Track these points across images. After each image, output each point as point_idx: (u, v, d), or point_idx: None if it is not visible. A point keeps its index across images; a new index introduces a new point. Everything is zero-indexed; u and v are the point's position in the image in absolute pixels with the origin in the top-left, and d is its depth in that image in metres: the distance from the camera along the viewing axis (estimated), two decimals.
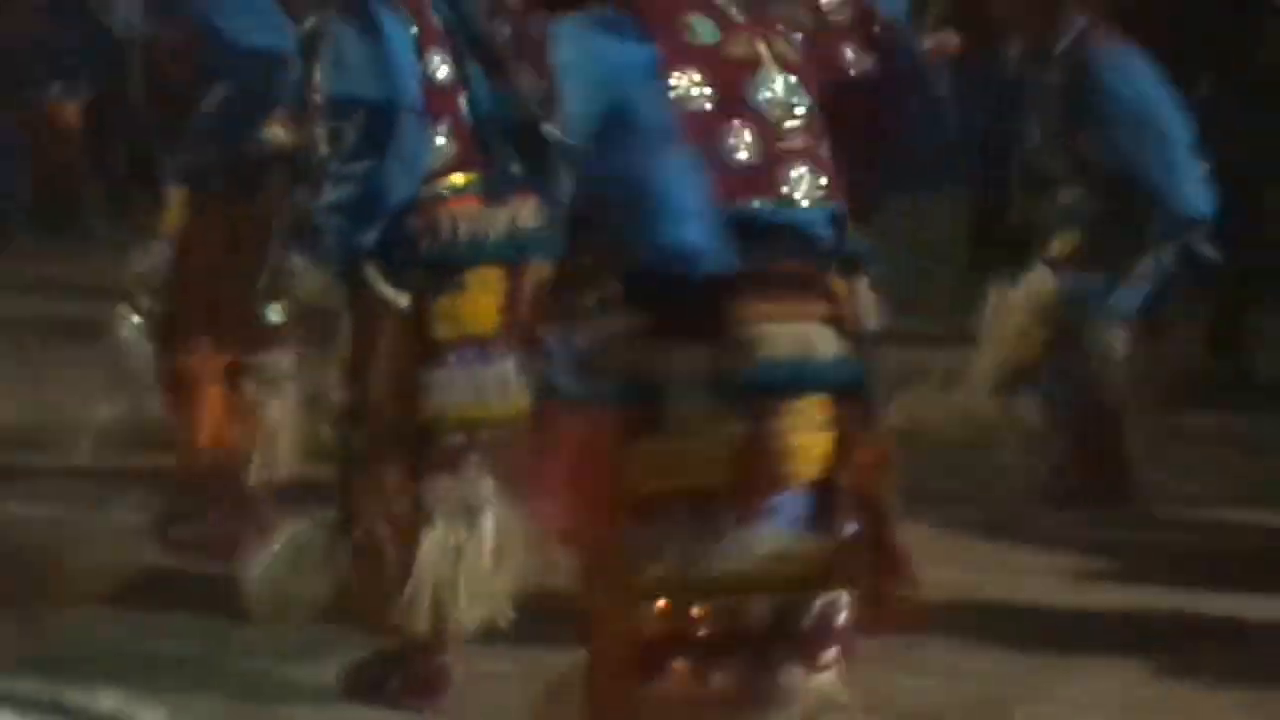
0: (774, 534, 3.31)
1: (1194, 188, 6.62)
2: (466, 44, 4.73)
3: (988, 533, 6.67)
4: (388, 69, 4.44)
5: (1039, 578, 6.16)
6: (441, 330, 4.56)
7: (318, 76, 4.68)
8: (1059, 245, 6.80)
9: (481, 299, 4.60)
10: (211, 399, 5.98)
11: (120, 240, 7.76)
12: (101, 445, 6.74)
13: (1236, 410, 8.41)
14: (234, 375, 6.00)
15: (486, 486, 4.61)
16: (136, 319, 6.12)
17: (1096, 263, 6.70)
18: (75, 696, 4.89)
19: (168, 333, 6.02)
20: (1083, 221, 6.76)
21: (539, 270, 4.01)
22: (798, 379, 3.36)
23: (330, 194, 4.59)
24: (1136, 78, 6.66)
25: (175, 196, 5.99)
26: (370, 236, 4.45)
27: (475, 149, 4.67)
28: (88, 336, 7.04)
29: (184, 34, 5.85)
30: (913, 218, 8.77)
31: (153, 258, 6.06)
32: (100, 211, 12.38)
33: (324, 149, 4.64)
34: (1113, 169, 6.71)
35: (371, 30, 4.45)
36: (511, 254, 4.53)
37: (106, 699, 4.89)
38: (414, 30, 4.54)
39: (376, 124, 4.42)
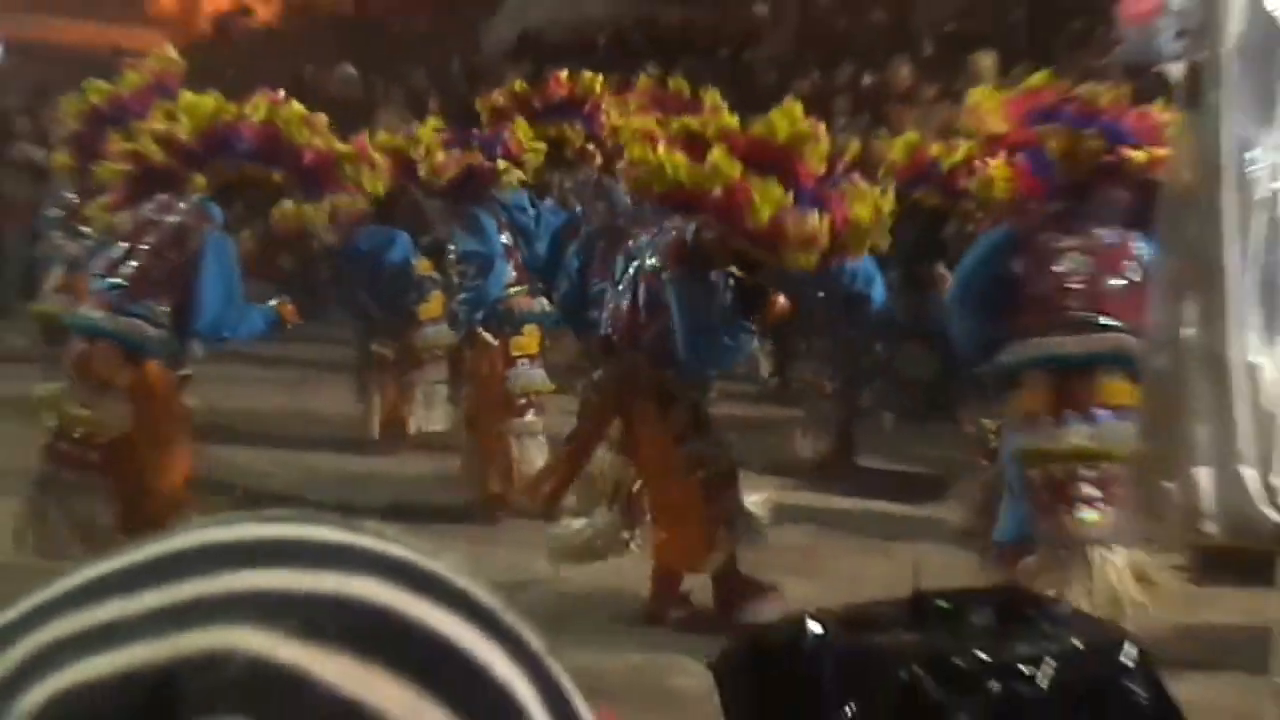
0: None
1: None
2: (520, 231, 9.75)
3: None
4: (489, 240, 9.40)
5: None
6: (515, 351, 9.63)
7: (453, 247, 9.80)
8: None
9: (530, 339, 9.84)
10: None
11: None
12: None
13: None
14: None
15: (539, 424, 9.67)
16: None
17: None
18: None
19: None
20: None
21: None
22: None
23: (463, 297, 9.59)
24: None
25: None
26: (481, 315, 9.52)
27: (525, 274, 9.78)
28: None
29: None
30: None
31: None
32: None
33: (456, 277, 9.72)
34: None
35: (480, 226, 9.42)
36: (545, 320, 9.91)
37: None
38: (495, 222, 9.48)
39: (484, 265, 9.40)
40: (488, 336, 9.54)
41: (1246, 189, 5.63)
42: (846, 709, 4.06)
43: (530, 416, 9.61)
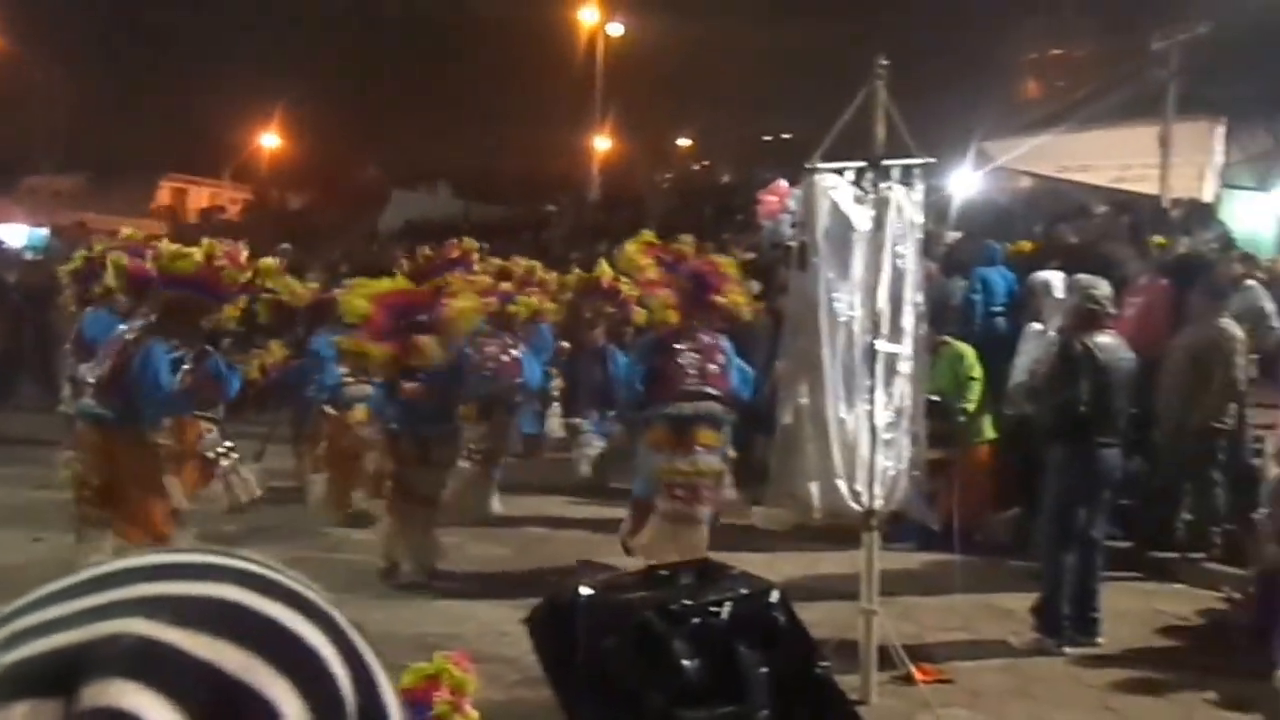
0: None
1: None
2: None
3: None
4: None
5: None
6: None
7: None
8: None
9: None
10: None
11: None
12: None
13: None
14: None
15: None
16: None
17: None
18: None
19: None
20: None
21: None
22: None
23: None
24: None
25: None
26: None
27: None
28: None
29: None
30: None
31: None
32: None
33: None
34: None
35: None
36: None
37: None
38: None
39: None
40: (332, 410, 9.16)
41: (833, 316, 5.65)
42: (608, 641, 4.08)
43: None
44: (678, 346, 7.39)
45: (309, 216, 25.28)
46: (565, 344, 10.99)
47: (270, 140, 35.79)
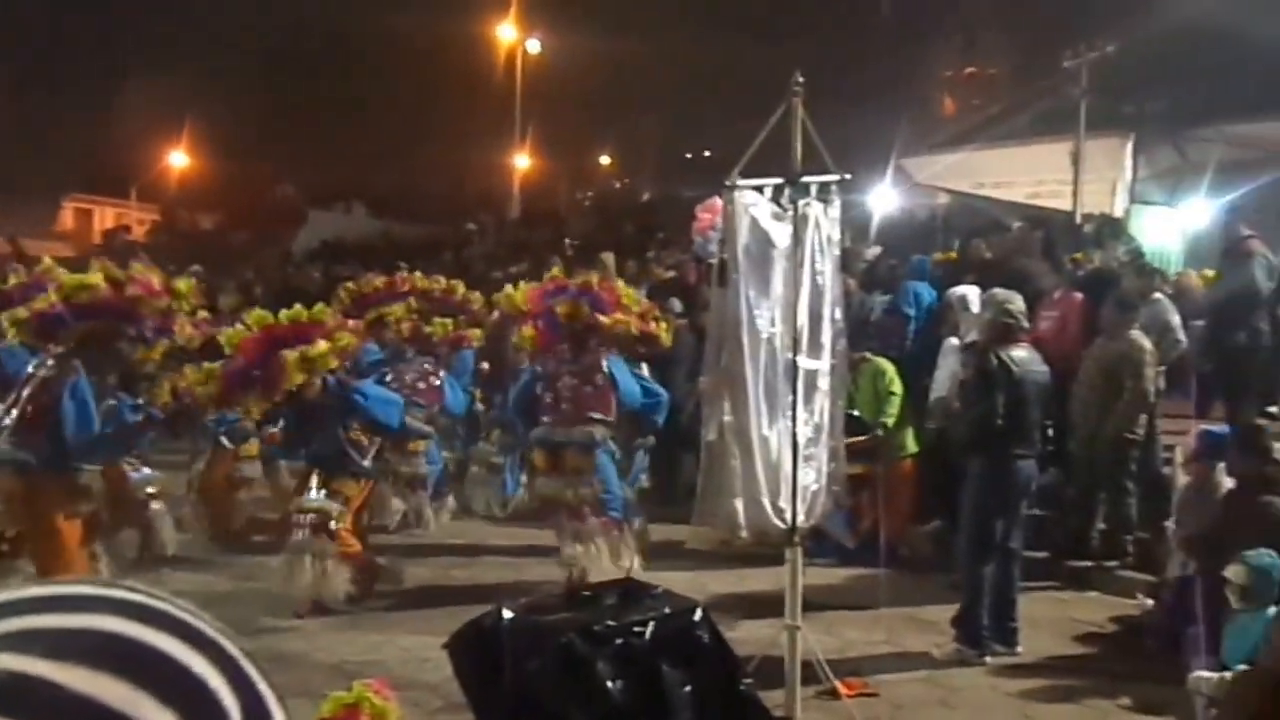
0: None
1: None
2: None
3: None
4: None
5: None
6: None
7: None
8: None
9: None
10: None
11: None
12: None
13: None
14: None
15: None
16: None
17: None
18: None
19: None
20: None
21: None
22: None
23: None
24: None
25: None
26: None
27: None
28: None
29: None
30: None
31: None
32: None
33: None
34: None
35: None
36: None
37: None
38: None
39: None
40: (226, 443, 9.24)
41: (755, 331, 5.68)
42: (531, 664, 4.06)
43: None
44: (555, 373, 7.64)
45: (220, 237, 24.79)
46: (485, 365, 10.91)
47: (179, 159, 35.09)
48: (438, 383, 9.34)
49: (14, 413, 6.42)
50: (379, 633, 6.93)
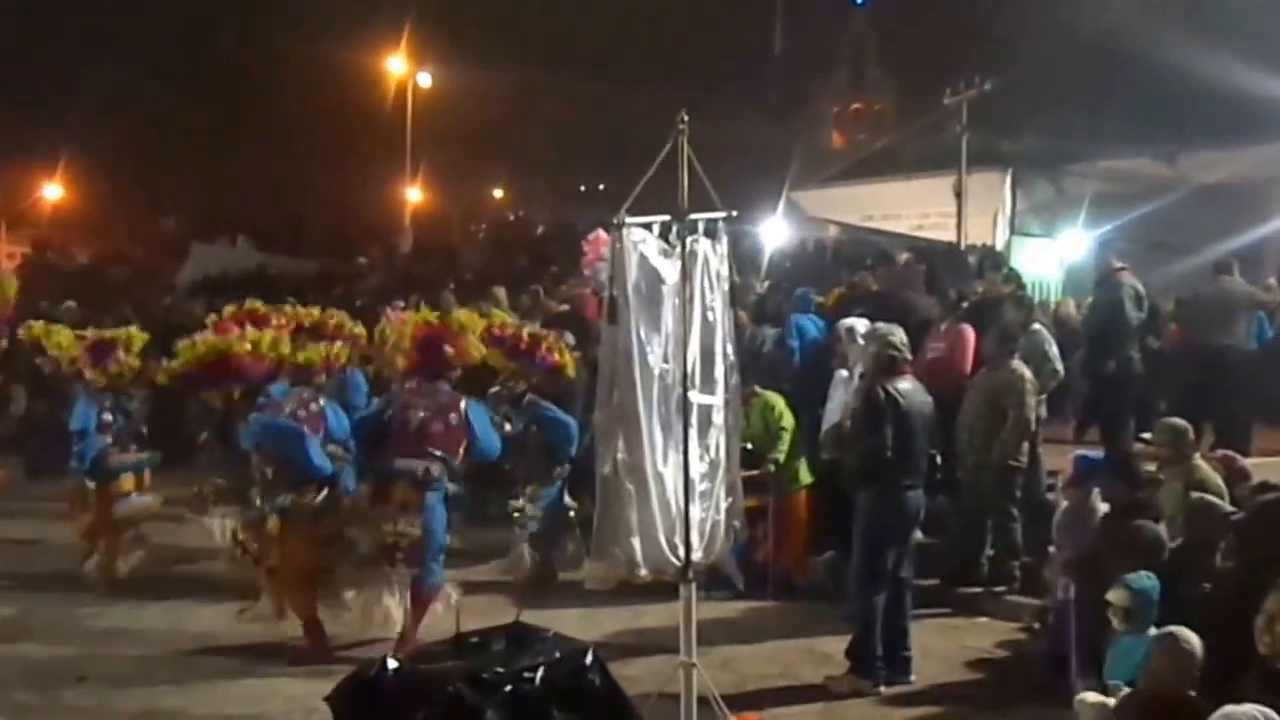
0: None
1: None
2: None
3: None
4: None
5: None
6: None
7: None
8: None
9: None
10: None
11: None
12: None
13: None
14: None
15: None
16: None
17: None
18: None
19: None
20: None
21: None
22: None
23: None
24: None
25: None
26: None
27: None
28: None
29: None
30: None
31: None
32: None
33: None
34: None
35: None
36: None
37: None
38: None
39: None
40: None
41: (647, 368, 5.62)
42: (417, 715, 3.96)
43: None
44: (407, 403, 7.46)
45: (97, 271, 23.96)
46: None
47: (52, 190, 33.85)
48: (316, 409, 9.07)
49: None
50: (263, 682, 6.69)
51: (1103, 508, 6.88)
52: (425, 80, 33.38)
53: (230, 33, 36.20)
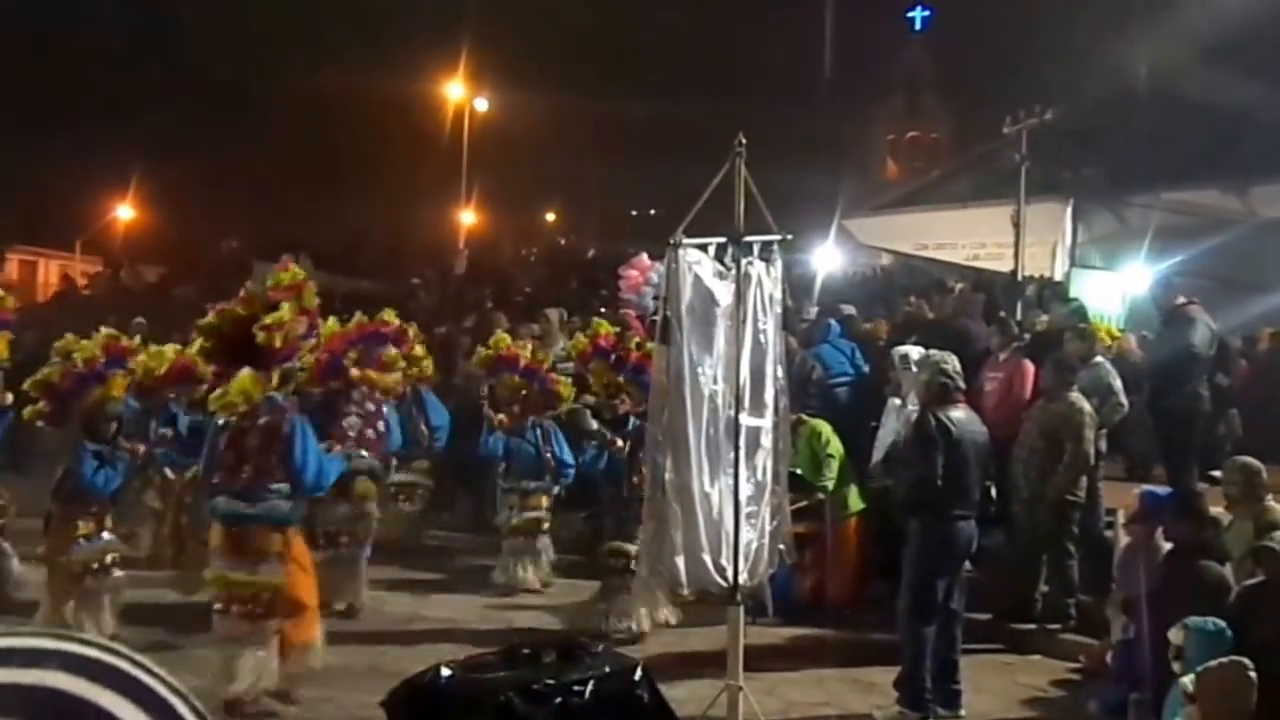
0: None
1: None
2: None
3: None
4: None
5: None
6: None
7: None
8: None
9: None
10: None
11: None
12: None
13: None
14: None
15: None
16: None
17: None
18: None
19: None
20: None
21: None
22: None
23: None
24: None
25: None
26: None
27: None
28: None
29: None
30: None
31: None
32: None
33: None
34: None
35: None
36: None
37: None
38: None
39: None
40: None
41: (697, 389, 5.72)
42: None
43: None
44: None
45: (164, 289, 24.52)
46: None
47: (125, 212, 34.77)
48: (382, 430, 9.18)
49: None
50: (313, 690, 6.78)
51: (1165, 547, 6.76)
52: (482, 105, 33.85)
53: (294, 62, 36.98)
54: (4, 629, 0.69)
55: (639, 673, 4.48)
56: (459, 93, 33.14)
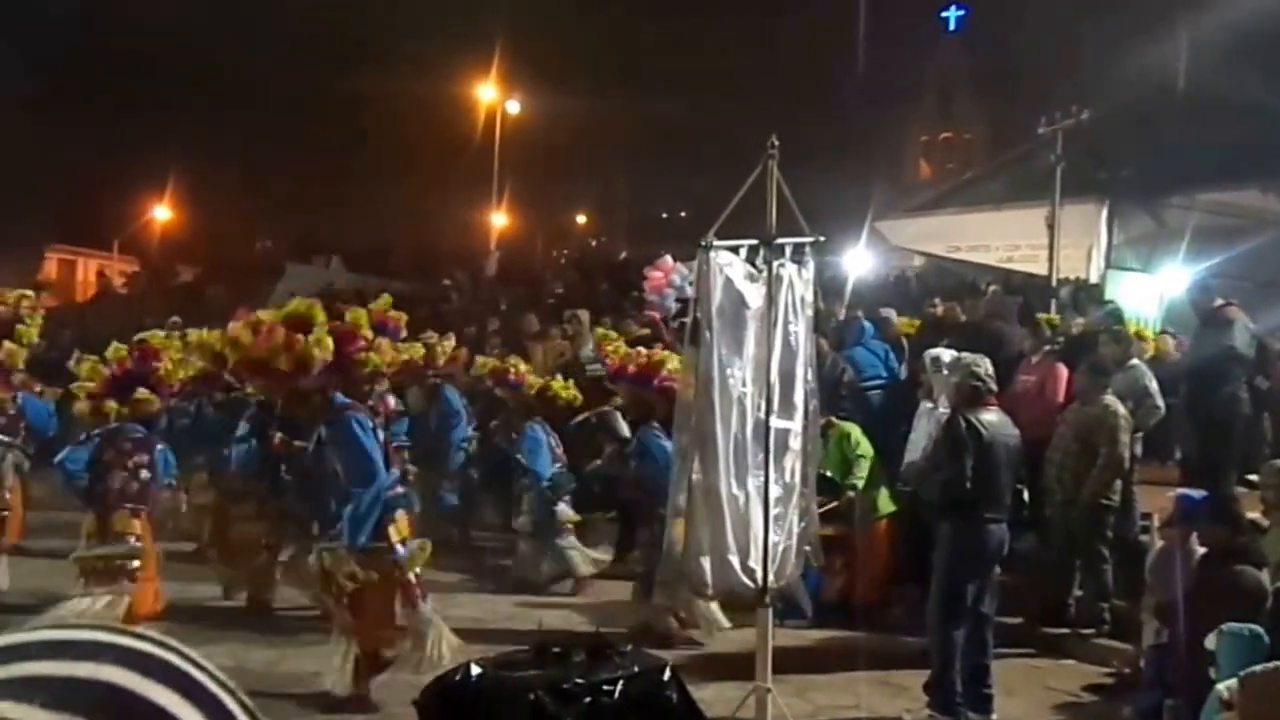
0: None
1: None
2: None
3: None
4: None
5: None
6: None
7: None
8: None
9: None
10: None
11: None
12: None
13: None
14: None
15: None
16: None
17: None
18: None
19: None
20: None
21: None
22: None
23: None
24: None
25: None
26: None
27: None
28: None
29: None
30: None
31: None
32: None
33: None
34: None
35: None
36: None
37: None
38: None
39: None
40: None
41: (726, 390, 5.72)
42: None
43: None
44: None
45: (199, 289, 24.81)
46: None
47: (162, 212, 35.21)
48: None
49: None
50: None
51: (1200, 551, 6.69)
52: (514, 108, 34.02)
53: (327, 65, 37.32)
54: (59, 622, 0.70)
55: (668, 673, 4.51)
56: (491, 95, 33.33)
